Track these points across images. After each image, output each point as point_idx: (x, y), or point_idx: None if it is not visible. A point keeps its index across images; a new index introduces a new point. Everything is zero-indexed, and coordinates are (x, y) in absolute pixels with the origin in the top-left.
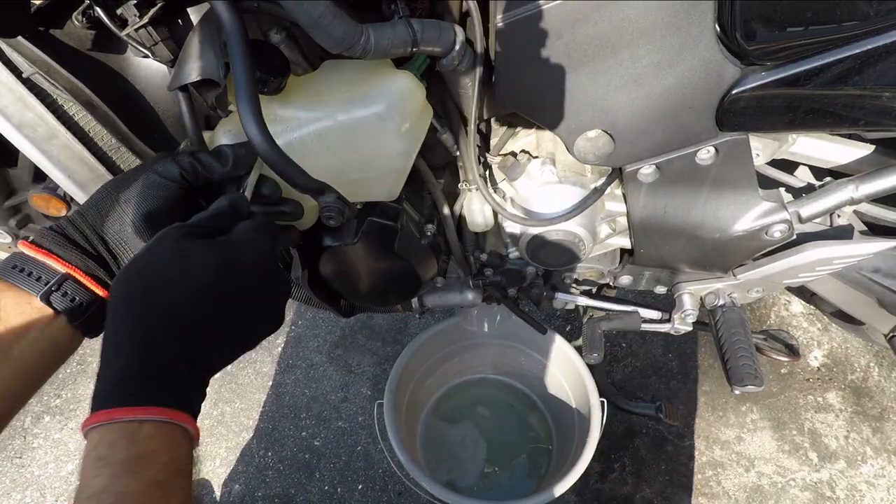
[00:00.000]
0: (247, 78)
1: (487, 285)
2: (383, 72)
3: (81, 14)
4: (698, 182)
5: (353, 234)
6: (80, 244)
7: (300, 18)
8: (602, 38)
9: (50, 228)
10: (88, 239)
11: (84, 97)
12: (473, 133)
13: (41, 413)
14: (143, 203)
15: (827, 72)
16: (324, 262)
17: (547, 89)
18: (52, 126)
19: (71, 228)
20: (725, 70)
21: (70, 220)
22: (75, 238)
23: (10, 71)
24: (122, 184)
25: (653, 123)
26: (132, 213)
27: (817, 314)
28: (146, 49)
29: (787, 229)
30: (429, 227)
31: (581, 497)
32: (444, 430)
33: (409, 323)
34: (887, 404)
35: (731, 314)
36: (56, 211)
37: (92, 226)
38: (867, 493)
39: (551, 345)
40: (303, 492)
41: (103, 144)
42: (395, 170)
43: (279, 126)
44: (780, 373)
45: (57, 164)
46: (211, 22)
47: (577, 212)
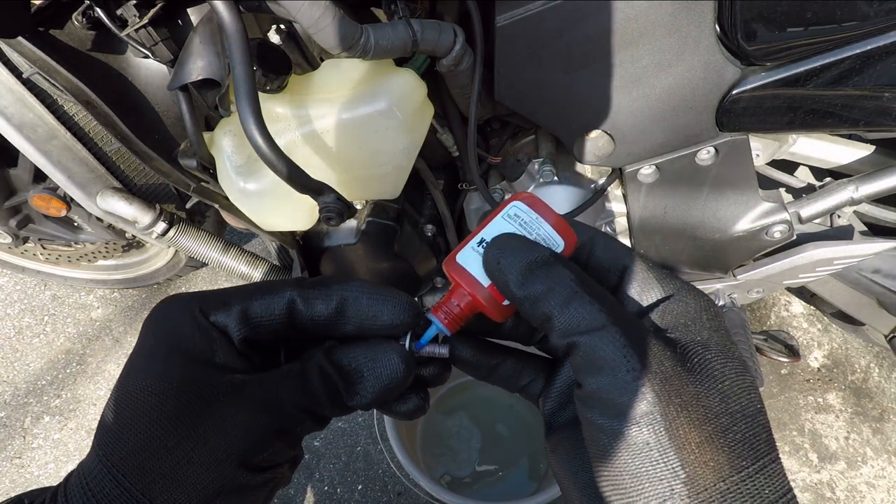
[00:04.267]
0: (247, 78)
1: None
2: (384, 70)
3: (81, 14)
4: (698, 182)
5: (353, 235)
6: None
7: (300, 19)
8: (602, 38)
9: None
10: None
11: (84, 97)
12: (473, 133)
13: (41, 413)
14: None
15: (827, 72)
16: (324, 262)
17: (547, 89)
18: (52, 126)
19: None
20: (725, 70)
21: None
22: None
23: (9, 71)
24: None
25: (653, 124)
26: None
27: (817, 315)
28: (146, 49)
29: (787, 230)
30: (429, 227)
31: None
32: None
33: None
34: (887, 405)
35: (731, 315)
36: (56, 211)
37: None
38: (867, 494)
39: None
40: (302, 492)
41: (103, 144)
42: (397, 167)
43: (280, 125)
44: (781, 373)
45: (57, 164)
46: (211, 22)
47: (576, 212)
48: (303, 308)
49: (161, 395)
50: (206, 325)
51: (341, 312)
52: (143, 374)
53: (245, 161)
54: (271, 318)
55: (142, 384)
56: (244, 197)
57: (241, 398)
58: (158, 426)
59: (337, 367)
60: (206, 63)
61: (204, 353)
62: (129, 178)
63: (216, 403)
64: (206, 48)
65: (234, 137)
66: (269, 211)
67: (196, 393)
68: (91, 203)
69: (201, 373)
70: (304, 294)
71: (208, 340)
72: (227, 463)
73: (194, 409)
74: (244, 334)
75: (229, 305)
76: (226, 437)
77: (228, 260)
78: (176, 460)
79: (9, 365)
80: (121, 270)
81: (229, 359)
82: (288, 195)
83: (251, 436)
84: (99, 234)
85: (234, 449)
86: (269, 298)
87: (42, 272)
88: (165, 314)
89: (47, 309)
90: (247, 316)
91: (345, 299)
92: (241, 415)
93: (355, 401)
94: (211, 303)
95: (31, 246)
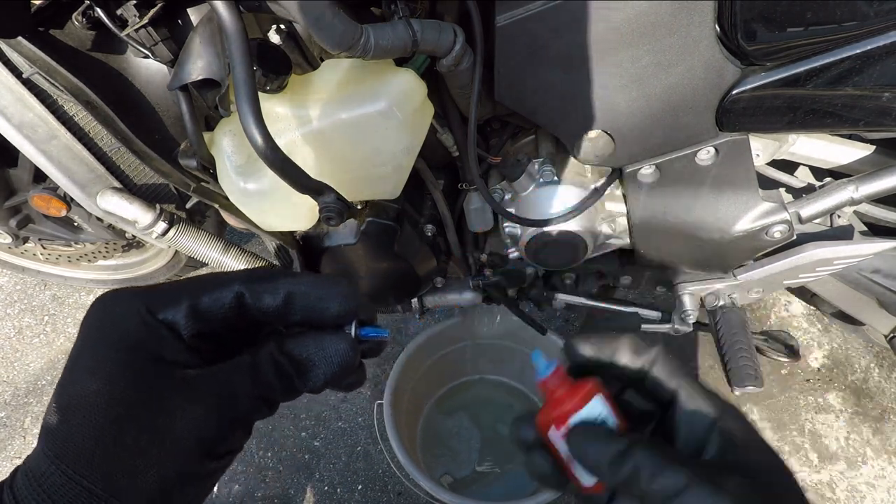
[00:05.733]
0: (247, 77)
1: (487, 286)
2: (384, 70)
3: (81, 14)
4: (698, 182)
5: (353, 235)
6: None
7: (300, 18)
8: (602, 38)
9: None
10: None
11: (84, 97)
12: (473, 133)
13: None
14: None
15: (827, 72)
16: (324, 262)
17: (547, 89)
18: (53, 126)
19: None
20: (725, 70)
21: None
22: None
23: (9, 71)
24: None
25: (653, 124)
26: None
27: (818, 315)
28: (146, 49)
29: (787, 230)
30: (429, 227)
31: (581, 497)
32: (440, 424)
33: (408, 323)
34: (887, 405)
35: (731, 315)
36: (56, 211)
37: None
38: (867, 494)
39: (551, 345)
40: (302, 492)
41: (103, 144)
42: (397, 167)
43: (280, 125)
44: (781, 373)
45: (57, 164)
46: (211, 22)
47: (577, 212)
48: (251, 301)
49: (113, 395)
50: (153, 323)
51: (289, 304)
52: (90, 375)
53: (245, 161)
54: (220, 311)
55: (91, 386)
56: (244, 197)
57: (195, 392)
58: (113, 426)
59: (289, 357)
60: (206, 63)
61: (153, 351)
62: (129, 178)
63: (171, 399)
64: (206, 48)
65: (234, 137)
66: (269, 211)
67: (149, 391)
68: (91, 203)
69: (152, 370)
70: (252, 288)
71: (157, 338)
72: (186, 454)
73: (148, 407)
74: (194, 329)
75: (178, 302)
76: (183, 430)
77: (228, 260)
78: (134, 455)
79: (9, 365)
80: (121, 270)
81: (179, 354)
82: (288, 195)
83: (209, 427)
84: (99, 234)
85: (191, 441)
86: (218, 293)
87: (42, 272)
88: (109, 312)
89: (47, 309)
90: (196, 311)
91: (292, 292)
92: (196, 408)
93: (307, 387)
94: (157, 300)
95: (31, 246)
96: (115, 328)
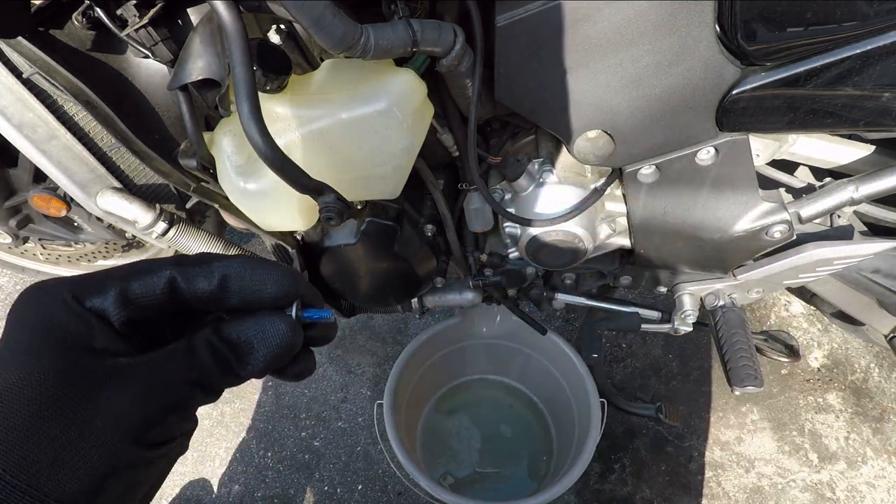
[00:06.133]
0: (247, 78)
1: (487, 286)
2: (384, 70)
3: (81, 14)
4: (698, 182)
5: (353, 235)
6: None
7: (300, 18)
8: (602, 38)
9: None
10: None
11: (84, 97)
12: (473, 133)
13: None
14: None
15: (827, 72)
16: (324, 262)
17: (547, 89)
18: (52, 126)
19: None
20: (725, 70)
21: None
22: None
23: (9, 71)
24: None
25: (653, 124)
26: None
27: (817, 315)
28: (146, 49)
29: (787, 230)
30: (429, 227)
31: (581, 497)
32: (440, 424)
33: (409, 323)
34: (887, 405)
35: (731, 315)
36: (56, 211)
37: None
38: (867, 494)
39: (551, 345)
40: (302, 492)
41: (103, 144)
42: (397, 167)
43: (280, 125)
44: (781, 373)
45: (57, 164)
46: (211, 22)
47: (577, 212)
48: (184, 286)
49: (38, 385)
50: (80, 311)
51: (224, 288)
52: (15, 368)
53: (245, 161)
54: (152, 297)
55: (15, 377)
56: (244, 197)
57: (126, 380)
58: (38, 417)
59: (226, 341)
60: (206, 63)
61: (81, 340)
62: (129, 178)
63: (99, 387)
64: (206, 48)
65: (234, 137)
66: (269, 211)
67: (76, 381)
68: (91, 203)
69: (80, 360)
70: (185, 272)
71: (85, 326)
72: (117, 443)
73: (76, 397)
74: (124, 316)
75: (105, 288)
76: (112, 418)
77: None
78: (60, 447)
79: None
80: None
81: (109, 342)
82: (288, 195)
83: (140, 414)
84: (99, 234)
85: (122, 429)
86: (148, 278)
87: (42, 272)
88: (35, 303)
89: None
90: (125, 297)
91: (226, 275)
92: (126, 395)
93: (247, 370)
94: (84, 288)
95: (31, 246)
96: (40, 318)
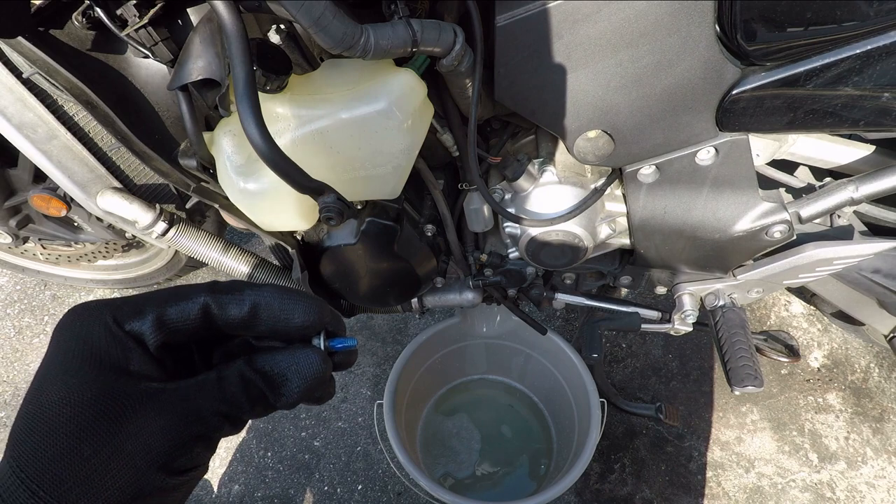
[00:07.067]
0: (247, 77)
1: (487, 285)
2: (384, 70)
3: (81, 14)
4: (698, 182)
5: (353, 235)
6: None
7: (300, 18)
8: (602, 38)
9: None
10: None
11: (84, 97)
12: (473, 133)
13: None
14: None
15: (827, 72)
16: (324, 262)
17: (547, 89)
18: (52, 126)
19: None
20: (725, 70)
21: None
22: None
23: (9, 71)
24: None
25: (653, 124)
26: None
27: (817, 315)
28: (146, 49)
29: (787, 230)
30: (429, 227)
31: (581, 497)
32: (440, 424)
33: (408, 323)
34: (887, 405)
35: (731, 315)
36: (56, 211)
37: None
38: (867, 494)
39: (551, 345)
40: (302, 492)
41: (103, 144)
42: (397, 167)
43: (280, 125)
44: (781, 373)
45: (57, 164)
46: (211, 22)
47: (576, 212)
48: (217, 312)
49: (76, 406)
50: (119, 334)
51: (255, 315)
52: (56, 387)
53: (245, 161)
54: (186, 322)
55: (56, 396)
56: (244, 197)
57: (159, 406)
58: (74, 437)
59: (260, 374)
60: (206, 63)
61: (119, 363)
62: (129, 178)
63: (133, 412)
64: (206, 48)
65: (234, 137)
66: (269, 211)
67: (112, 403)
68: (91, 203)
69: (116, 382)
70: (218, 299)
71: (123, 349)
72: (145, 469)
73: (110, 419)
74: (160, 340)
75: (144, 313)
76: (143, 444)
77: (228, 260)
78: (92, 469)
79: (9, 365)
80: (121, 270)
81: (144, 366)
82: (288, 195)
83: (169, 442)
84: (99, 234)
85: (151, 455)
86: (184, 304)
87: (42, 272)
88: (77, 324)
89: (47, 309)
90: (162, 322)
91: (257, 304)
92: (158, 422)
93: (281, 401)
94: (124, 311)
95: (31, 246)
96: (82, 339)
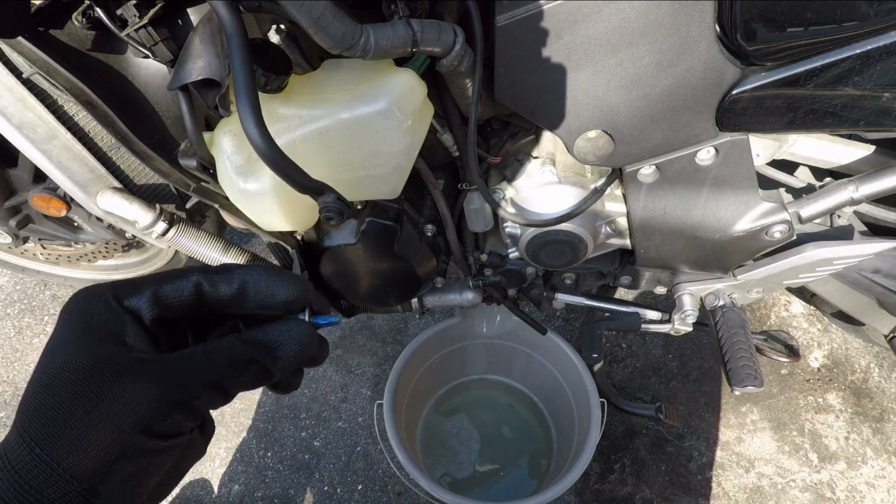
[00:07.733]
0: (247, 78)
1: (487, 286)
2: (384, 70)
3: (81, 14)
4: (698, 182)
5: (353, 235)
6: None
7: (300, 18)
8: (602, 38)
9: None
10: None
11: (84, 97)
12: (473, 133)
13: None
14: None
15: (827, 72)
16: (324, 262)
17: (547, 89)
18: (52, 126)
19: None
20: (725, 70)
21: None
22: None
23: (9, 71)
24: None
25: (653, 124)
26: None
27: (817, 315)
28: (146, 49)
29: (787, 230)
30: (429, 227)
31: (581, 497)
32: (440, 424)
33: (408, 323)
34: (887, 405)
35: (731, 315)
36: (56, 211)
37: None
38: (867, 494)
39: (551, 345)
40: (302, 492)
41: (103, 144)
42: (397, 167)
43: (281, 125)
44: (781, 373)
45: (57, 164)
46: (211, 22)
47: (576, 212)
48: (209, 289)
49: (74, 371)
50: (118, 309)
51: (243, 292)
52: (59, 355)
53: (245, 161)
54: (180, 298)
55: (58, 363)
56: (244, 197)
57: (146, 373)
58: (70, 399)
59: (253, 343)
60: (206, 63)
61: (115, 334)
62: (129, 178)
63: (122, 378)
64: (206, 48)
65: (234, 137)
66: (269, 211)
67: (105, 369)
68: (91, 203)
69: (111, 351)
70: (210, 278)
71: (120, 322)
72: (128, 430)
73: (103, 383)
74: (155, 314)
75: (141, 290)
76: (128, 407)
77: (228, 260)
78: (82, 428)
79: (9, 365)
80: (121, 270)
81: (138, 339)
82: (288, 195)
83: (151, 406)
84: (99, 234)
85: (134, 418)
86: (178, 282)
87: (42, 272)
88: (81, 302)
89: (47, 309)
90: (157, 298)
91: (245, 281)
92: (144, 389)
93: (278, 364)
94: (124, 289)
95: (31, 246)
96: (84, 314)
